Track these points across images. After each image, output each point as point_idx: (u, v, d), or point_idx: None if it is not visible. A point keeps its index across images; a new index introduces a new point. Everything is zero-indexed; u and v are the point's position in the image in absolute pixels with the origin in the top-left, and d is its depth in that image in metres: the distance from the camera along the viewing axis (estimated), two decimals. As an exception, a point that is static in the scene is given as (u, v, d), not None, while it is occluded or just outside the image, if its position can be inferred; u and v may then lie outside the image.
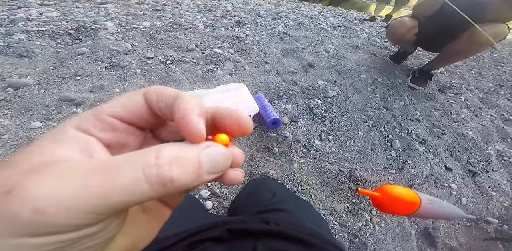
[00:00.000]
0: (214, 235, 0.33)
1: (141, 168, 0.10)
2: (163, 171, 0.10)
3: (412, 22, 1.41)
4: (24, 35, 1.15)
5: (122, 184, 0.10)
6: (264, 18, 1.93)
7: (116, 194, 0.10)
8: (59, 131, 0.13)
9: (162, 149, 0.11)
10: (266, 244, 0.31)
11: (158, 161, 0.11)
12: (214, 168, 0.13)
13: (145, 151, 0.11)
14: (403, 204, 0.20)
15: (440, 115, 1.34)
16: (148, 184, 0.10)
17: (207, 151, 0.13)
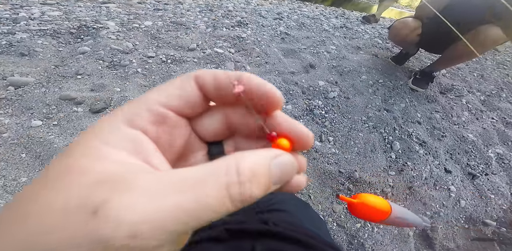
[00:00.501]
0: (212, 235, 0.33)
1: (226, 186, 0.10)
2: (245, 189, 0.10)
3: (415, 23, 1.41)
4: (26, 34, 1.15)
5: (210, 202, 0.09)
6: (265, 18, 1.93)
7: (205, 212, 0.09)
8: (109, 127, 0.12)
9: (240, 162, 0.11)
10: (264, 245, 0.31)
11: (240, 178, 0.10)
12: (282, 179, 0.12)
13: (225, 165, 0.11)
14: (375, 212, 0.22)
15: (441, 117, 1.34)
16: (231, 202, 0.10)
17: (277, 161, 0.12)
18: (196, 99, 0.14)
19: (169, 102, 0.13)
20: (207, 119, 0.15)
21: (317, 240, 0.34)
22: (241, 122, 0.15)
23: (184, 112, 0.14)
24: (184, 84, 0.13)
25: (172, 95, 0.13)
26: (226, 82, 0.13)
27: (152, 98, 0.13)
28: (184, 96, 0.13)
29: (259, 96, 0.14)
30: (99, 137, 0.11)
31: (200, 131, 0.16)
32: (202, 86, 0.13)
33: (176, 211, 0.09)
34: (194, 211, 0.09)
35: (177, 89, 0.13)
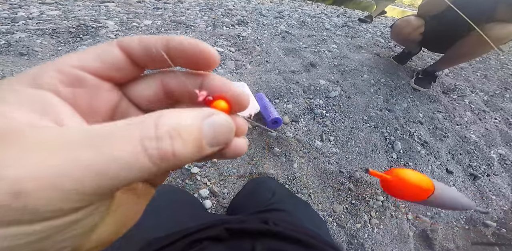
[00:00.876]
0: (213, 234, 0.33)
1: (140, 140, 0.09)
2: (164, 144, 0.09)
3: (418, 21, 1.39)
4: (25, 33, 1.15)
5: (119, 158, 0.08)
6: (266, 17, 1.92)
7: (114, 169, 0.08)
8: (10, 87, 0.10)
9: (162, 117, 0.10)
10: (264, 244, 0.31)
11: (158, 132, 0.09)
12: (217, 140, 0.11)
13: (142, 119, 0.10)
14: (416, 190, 0.19)
15: (443, 117, 1.33)
16: (148, 158, 0.09)
17: (210, 120, 0.11)
18: (120, 63, 0.13)
19: (83, 64, 0.12)
20: (141, 85, 0.15)
21: (317, 239, 0.34)
22: (180, 89, 0.15)
23: (108, 76, 0.13)
24: (103, 48, 0.13)
25: (87, 58, 0.12)
26: (153, 45, 0.13)
27: (61, 60, 0.12)
28: (104, 59, 0.12)
29: (193, 57, 0.13)
30: (8, 94, 0.10)
31: (135, 99, 0.15)
32: (127, 50, 0.13)
33: (72, 166, 0.08)
34: (97, 168, 0.08)
35: (94, 52, 0.12)
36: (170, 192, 0.50)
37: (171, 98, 0.15)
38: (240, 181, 0.85)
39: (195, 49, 0.13)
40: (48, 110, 0.10)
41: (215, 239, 0.32)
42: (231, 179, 0.85)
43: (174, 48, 0.13)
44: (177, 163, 0.10)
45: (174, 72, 0.15)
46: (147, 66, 0.14)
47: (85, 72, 0.12)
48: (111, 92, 0.14)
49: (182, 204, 0.50)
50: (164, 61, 0.13)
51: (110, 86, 0.14)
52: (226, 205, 0.78)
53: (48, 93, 0.11)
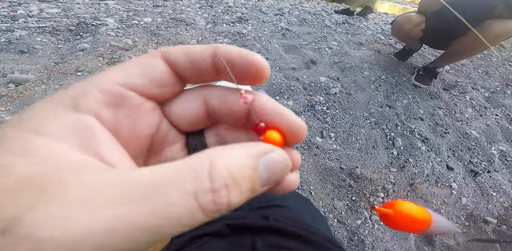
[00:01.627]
0: (213, 230, 0.33)
1: (194, 195, 0.08)
2: (219, 197, 0.08)
3: (418, 18, 1.38)
4: (25, 31, 1.15)
5: (173, 214, 0.07)
6: (266, 14, 1.91)
7: (166, 225, 0.07)
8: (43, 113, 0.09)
9: (216, 162, 0.08)
10: (265, 240, 0.31)
11: (214, 185, 0.08)
12: (271, 180, 0.10)
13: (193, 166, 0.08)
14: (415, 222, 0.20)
15: (444, 114, 1.32)
16: (202, 213, 0.08)
17: (266, 159, 0.10)
18: (165, 78, 0.11)
19: (129, 80, 0.11)
20: (182, 103, 0.13)
21: (318, 235, 0.34)
22: (223, 107, 0.13)
23: (152, 94, 0.12)
24: (149, 61, 0.11)
25: (133, 73, 0.11)
26: (200, 56, 0.11)
27: (106, 77, 0.10)
28: (149, 74, 0.11)
29: (241, 69, 0.12)
30: (27, 126, 0.08)
31: (175, 118, 0.13)
32: (172, 62, 0.11)
33: (125, 225, 0.07)
34: (151, 224, 0.07)
35: (139, 67, 0.11)
36: None
37: (211, 118, 0.13)
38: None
39: (244, 60, 0.11)
40: (86, 139, 0.09)
41: (215, 234, 0.32)
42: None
43: (223, 58, 0.11)
44: (230, 209, 0.09)
45: (217, 88, 0.13)
46: (192, 80, 0.12)
47: (129, 90, 0.11)
48: (153, 112, 0.12)
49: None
50: (210, 75, 0.12)
51: (152, 106, 0.12)
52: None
53: (89, 118, 0.10)
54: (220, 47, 0.11)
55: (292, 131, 0.12)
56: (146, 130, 0.12)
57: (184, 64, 0.11)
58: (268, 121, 0.12)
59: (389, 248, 0.79)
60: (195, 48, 0.11)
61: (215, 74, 0.12)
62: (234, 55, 0.11)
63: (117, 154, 0.10)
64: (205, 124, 0.14)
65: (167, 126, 0.13)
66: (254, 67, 0.11)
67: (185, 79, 0.12)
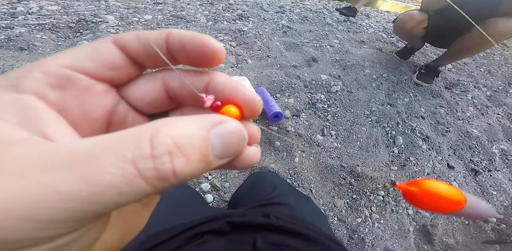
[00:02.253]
0: (214, 227, 0.33)
1: (132, 161, 0.07)
2: (162, 163, 0.08)
3: (421, 16, 1.37)
4: (25, 28, 1.14)
5: (109, 183, 0.07)
6: (267, 12, 1.89)
7: (103, 195, 0.07)
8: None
9: (158, 131, 0.08)
10: (266, 238, 0.31)
11: (155, 151, 0.08)
12: (227, 151, 0.10)
13: (136, 135, 0.08)
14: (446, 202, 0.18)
15: (445, 112, 1.32)
16: (144, 180, 0.08)
17: (219, 129, 0.10)
18: (117, 62, 0.12)
19: (76, 63, 0.11)
20: (141, 86, 0.13)
21: (318, 233, 0.34)
22: (184, 90, 0.13)
23: (104, 76, 0.12)
24: (98, 45, 0.11)
25: (81, 56, 0.11)
26: (152, 40, 0.11)
27: (51, 60, 0.10)
28: (99, 57, 0.11)
29: (194, 53, 0.12)
30: None
31: (134, 101, 0.13)
32: (124, 47, 0.12)
33: (52, 194, 0.07)
34: (84, 194, 0.07)
35: (88, 50, 0.11)
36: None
37: (174, 100, 0.14)
38: (241, 175, 0.86)
39: (196, 43, 0.11)
40: (30, 119, 0.09)
41: (216, 232, 0.32)
42: (233, 173, 0.85)
43: (174, 44, 0.11)
44: (180, 180, 0.08)
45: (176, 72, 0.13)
46: (147, 65, 0.13)
47: (77, 73, 0.11)
48: (106, 94, 0.12)
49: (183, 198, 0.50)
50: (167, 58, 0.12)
51: (105, 88, 0.12)
52: (228, 199, 0.78)
53: (32, 99, 0.09)
54: (172, 32, 0.11)
55: (248, 105, 0.12)
56: (98, 111, 0.12)
57: (138, 49, 0.12)
58: (225, 98, 0.12)
59: (388, 246, 0.79)
60: (149, 33, 0.12)
61: (171, 59, 0.12)
62: (186, 39, 0.11)
63: (63, 132, 0.10)
64: (168, 106, 0.14)
65: (125, 107, 0.13)
66: (206, 50, 0.11)
67: (142, 64, 0.12)
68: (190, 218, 0.35)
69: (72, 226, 0.07)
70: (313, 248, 0.31)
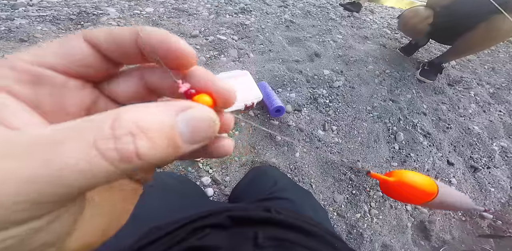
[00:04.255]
0: (215, 221, 0.33)
1: (93, 143, 0.08)
2: (123, 144, 0.08)
3: (427, 12, 1.35)
4: (25, 20, 1.13)
5: (70, 164, 0.07)
6: (270, 6, 1.86)
7: (66, 177, 0.07)
8: None
9: (120, 115, 0.08)
10: (267, 232, 0.31)
11: (115, 131, 0.08)
12: (196, 136, 0.10)
13: (96, 118, 0.08)
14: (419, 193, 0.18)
15: (447, 109, 1.31)
16: (106, 161, 0.08)
17: (186, 114, 0.10)
18: (89, 59, 0.11)
19: (44, 59, 0.11)
20: (119, 82, 0.13)
21: (319, 228, 0.34)
22: (162, 83, 0.13)
23: (76, 73, 0.12)
24: (68, 41, 0.11)
25: (46, 52, 0.11)
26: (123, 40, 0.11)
27: (19, 56, 0.10)
28: (67, 54, 0.11)
29: (164, 55, 0.11)
30: None
31: (115, 96, 0.14)
32: (95, 44, 0.11)
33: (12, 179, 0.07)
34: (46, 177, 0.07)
35: (57, 47, 0.11)
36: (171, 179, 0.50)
37: (153, 92, 0.14)
38: (242, 169, 0.86)
39: (166, 46, 0.11)
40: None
41: (217, 226, 0.32)
42: (233, 167, 0.85)
43: (144, 44, 0.11)
44: (148, 163, 0.08)
45: (154, 66, 0.13)
46: (122, 61, 0.12)
47: (45, 69, 0.11)
48: (83, 90, 0.12)
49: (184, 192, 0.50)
50: (137, 58, 0.12)
51: (80, 84, 0.12)
52: (228, 193, 0.79)
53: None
54: (144, 31, 0.11)
55: (222, 94, 0.12)
56: (74, 107, 0.12)
57: (109, 47, 0.11)
58: (199, 88, 0.12)
59: (386, 241, 0.80)
60: (118, 31, 0.11)
61: (141, 58, 0.12)
62: (155, 41, 0.11)
63: (32, 123, 0.10)
64: (147, 99, 0.14)
65: (105, 102, 0.14)
66: (175, 54, 0.11)
67: (116, 61, 0.12)
68: (191, 212, 0.35)
69: (39, 208, 0.08)
70: (314, 242, 0.31)
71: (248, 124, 0.98)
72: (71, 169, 0.07)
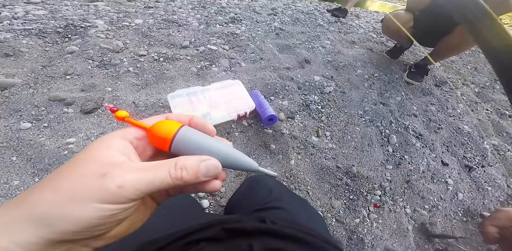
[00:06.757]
0: (210, 235, 0.32)
1: (169, 170, 0.18)
2: (178, 172, 0.19)
3: (407, 16, 1.40)
4: (10, 34, 1.11)
5: (160, 176, 0.18)
6: (259, 14, 1.90)
7: (156, 181, 0.17)
8: (112, 140, 0.19)
9: (178, 161, 0.19)
10: (262, 243, 0.30)
11: (176, 167, 0.19)
12: (208, 173, 0.20)
13: (169, 160, 0.19)
14: (158, 139, 0.21)
15: (436, 110, 1.34)
16: (170, 178, 0.18)
17: (204, 163, 0.20)
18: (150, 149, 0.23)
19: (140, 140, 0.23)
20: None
21: (315, 237, 0.34)
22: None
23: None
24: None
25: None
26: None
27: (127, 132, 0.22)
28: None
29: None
30: (105, 144, 0.19)
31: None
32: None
33: (142, 179, 0.17)
34: (150, 180, 0.17)
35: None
36: None
37: None
38: (238, 179, 0.85)
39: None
40: (125, 152, 0.19)
41: (212, 239, 0.32)
42: (229, 177, 0.84)
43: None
44: (185, 182, 0.19)
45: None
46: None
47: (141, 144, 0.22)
48: (151, 150, 0.24)
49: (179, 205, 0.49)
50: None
51: (153, 152, 0.24)
52: (224, 204, 0.77)
53: (128, 143, 0.20)
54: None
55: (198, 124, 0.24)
56: (149, 152, 0.23)
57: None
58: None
59: (388, 246, 0.79)
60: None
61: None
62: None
63: (135, 158, 0.21)
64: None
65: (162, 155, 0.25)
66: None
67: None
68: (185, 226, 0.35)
69: (140, 195, 0.17)
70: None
71: (243, 134, 0.97)
72: (159, 179, 0.18)
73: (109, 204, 0.16)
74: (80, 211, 0.15)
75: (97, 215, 0.15)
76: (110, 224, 0.16)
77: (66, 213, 0.15)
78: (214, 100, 0.93)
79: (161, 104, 0.98)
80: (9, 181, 0.70)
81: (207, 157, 0.20)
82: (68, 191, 0.15)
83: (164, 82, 1.09)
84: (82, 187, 0.15)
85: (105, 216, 0.16)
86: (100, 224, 0.16)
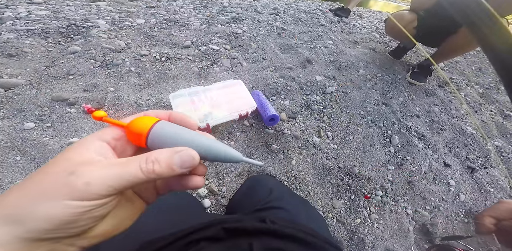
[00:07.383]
0: (210, 234, 0.32)
1: (139, 164, 0.18)
2: (149, 166, 0.18)
3: (410, 16, 1.39)
4: (13, 34, 1.12)
5: (130, 171, 0.17)
6: (261, 14, 1.90)
7: (126, 176, 0.17)
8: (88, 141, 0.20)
9: (151, 155, 0.19)
10: (262, 243, 0.30)
11: (147, 161, 0.18)
12: (184, 164, 0.19)
13: (140, 155, 0.19)
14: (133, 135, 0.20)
15: (439, 111, 1.33)
16: (142, 172, 0.18)
17: (179, 154, 0.19)
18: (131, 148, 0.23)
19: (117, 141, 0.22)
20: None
21: (315, 237, 0.34)
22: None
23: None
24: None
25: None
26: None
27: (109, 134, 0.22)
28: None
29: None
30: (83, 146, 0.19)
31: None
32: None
33: (110, 174, 0.17)
34: (119, 175, 0.17)
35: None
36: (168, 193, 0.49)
37: None
38: (239, 179, 0.85)
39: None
40: (102, 152, 0.19)
41: (212, 239, 0.32)
42: (230, 177, 0.84)
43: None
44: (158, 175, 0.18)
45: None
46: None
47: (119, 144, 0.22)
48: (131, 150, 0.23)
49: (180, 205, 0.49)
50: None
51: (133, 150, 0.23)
52: (225, 204, 0.77)
53: (105, 144, 0.20)
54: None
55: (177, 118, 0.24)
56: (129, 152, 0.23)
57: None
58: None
59: (389, 246, 0.79)
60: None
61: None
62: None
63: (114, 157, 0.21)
64: None
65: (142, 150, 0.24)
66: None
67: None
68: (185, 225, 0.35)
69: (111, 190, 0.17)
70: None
71: (244, 134, 0.97)
72: (129, 173, 0.17)
73: (78, 201, 0.15)
74: (50, 208, 0.15)
75: (69, 212, 0.15)
76: (86, 221, 0.16)
77: (36, 211, 0.15)
78: (215, 100, 0.93)
79: (163, 104, 0.98)
80: (14, 181, 0.71)
81: (182, 148, 0.19)
82: (36, 189, 0.15)
83: (166, 82, 1.10)
84: (50, 185, 0.16)
85: (77, 213, 0.15)
86: (73, 221, 0.15)
